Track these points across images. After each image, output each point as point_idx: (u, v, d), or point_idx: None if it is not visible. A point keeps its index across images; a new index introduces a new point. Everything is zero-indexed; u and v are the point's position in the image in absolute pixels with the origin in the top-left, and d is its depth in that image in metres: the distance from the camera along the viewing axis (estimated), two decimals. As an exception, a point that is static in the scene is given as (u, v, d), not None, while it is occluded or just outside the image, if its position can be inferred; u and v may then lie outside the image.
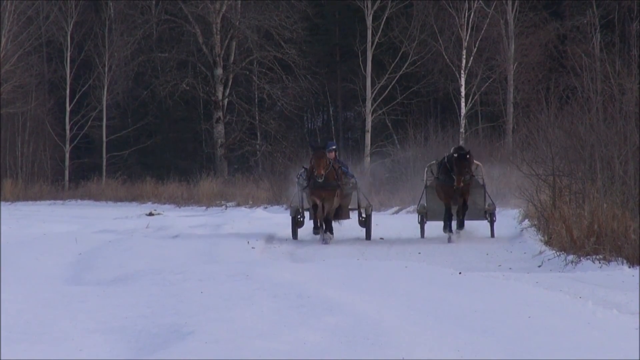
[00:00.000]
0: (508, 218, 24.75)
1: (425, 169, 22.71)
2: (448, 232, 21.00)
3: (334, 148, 22.10)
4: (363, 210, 22.02)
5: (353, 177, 22.44)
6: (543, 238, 19.10)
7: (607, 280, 13.03)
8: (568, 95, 24.25)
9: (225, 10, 49.12)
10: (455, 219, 21.31)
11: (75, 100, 51.54)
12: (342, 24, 50.13)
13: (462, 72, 45.65)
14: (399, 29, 46.14)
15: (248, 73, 49.98)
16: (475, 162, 22.03)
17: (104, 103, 50.97)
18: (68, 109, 51.45)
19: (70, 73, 51.63)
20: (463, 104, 45.74)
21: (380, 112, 46.99)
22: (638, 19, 42.97)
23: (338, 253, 18.86)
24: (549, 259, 16.68)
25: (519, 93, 44.91)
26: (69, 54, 51.58)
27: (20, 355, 8.12)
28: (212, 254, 17.91)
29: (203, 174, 45.29)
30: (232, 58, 49.73)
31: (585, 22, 44.02)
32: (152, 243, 19.64)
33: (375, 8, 46.66)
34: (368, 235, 21.67)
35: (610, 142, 18.91)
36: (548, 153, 20.53)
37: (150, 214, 31.78)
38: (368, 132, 46.86)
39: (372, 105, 46.87)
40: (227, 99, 49.69)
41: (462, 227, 21.20)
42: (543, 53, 45.04)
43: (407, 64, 46.24)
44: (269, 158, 45.32)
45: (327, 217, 21.24)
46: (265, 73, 49.56)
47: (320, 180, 20.89)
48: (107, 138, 51.05)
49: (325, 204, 21.15)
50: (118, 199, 46.85)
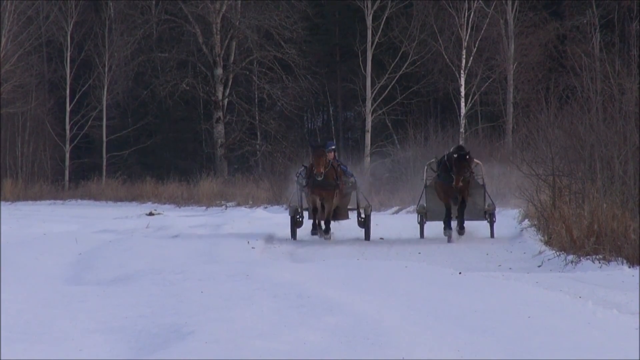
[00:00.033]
0: (508, 218, 24.75)
1: (425, 168, 22.69)
2: (448, 231, 20.99)
3: (333, 148, 22.03)
4: (362, 211, 21.99)
5: (352, 176, 22.39)
6: (543, 238, 19.11)
7: (607, 280, 13.03)
8: (568, 95, 24.23)
9: (225, 10, 49.12)
10: (455, 219, 21.31)
11: (75, 100, 51.53)
12: (342, 24, 50.11)
13: (462, 72, 45.65)
14: (399, 29, 46.14)
15: (248, 73, 49.97)
16: (475, 160, 22.01)
17: (104, 103, 50.96)
18: (68, 109, 51.43)
19: (70, 73, 51.61)
20: (463, 104, 45.74)
21: (380, 112, 46.98)
22: (638, 19, 42.97)
23: (338, 253, 18.86)
24: (549, 259, 16.68)
25: (519, 93, 44.91)
26: (69, 54, 51.57)
27: (20, 355, 8.12)
28: (212, 254, 17.91)
29: (203, 174, 45.29)
30: (232, 58, 49.72)
31: (585, 22, 44.03)
32: (152, 243, 19.64)
33: (375, 8, 46.66)
34: (367, 236, 21.63)
35: (610, 142, 18.91)
36: (548, 153, 20.53)
37: (150, 214, 31.76)
38: (368, 132, 46.85)
39: (372, 105, 46.86)
40: (227, 99, 49.68)
41: (462, 230, 21.17)
42: (543, 53, 45.04)
43: (407, 64, 46.23)
44: (269, 158, 45.30)
45: (327, 217, 21.24)
46: (265, 73, 49.55)
47: (320, 179, 20.87)
48: (107, 138, 51.04)
49: (325, 204, 21.12)
50: (118, 199, 46.85)
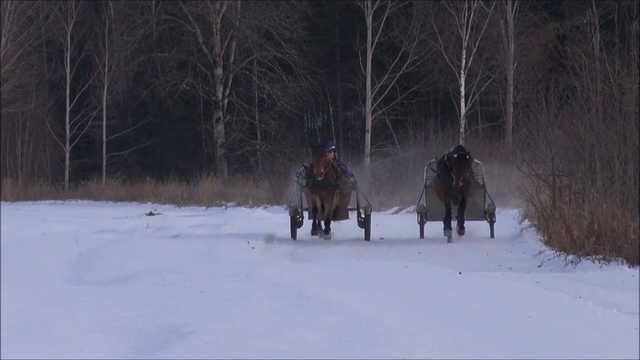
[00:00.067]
0: (508, 218, 24.74)
1: (425, 167, 22.68)
2: (448, 231, 20.98)
3: (333, 148, 22.00)
4: (362, 211, 21.98)
5: (352, 176, 22.37)
6: (543, 238, 19.10)
7: (607, 280, 13.03)
8: (568, 95, 24.24)
9: (225, 10, 49.11)
10: (455, 219, 21.30)
11: (75, 100, 51.52)
12: (342, 24, 50.10)
13: (462, 72, 45.65)
14: (399, 29, 46.13)
15: (248, 73, 49.96)
16: (475, 160, 22.01)
17: (104, 103, 50.95)
18: (68, 109, 51.43)
19: (70, 73, 51.61)
20: (463, 104, 45.74)
21: (380, 112, 46.97)
22: (638, 19, 42.96)
23: (338, 253, 18.85)
24: (549, 259, 16.68)
25: (519, 93, 44.90)
26: (69, 54, 51.56)
27: (20, 355, 8.11)
28: (212, 254, 17.90)
29: (203, 174, 45.28)
30: (232, 58, 49.71)
31: (585, 22, 44.02)
32: (152, 243, 19.64)
33: (375, 8, 46.65)
34: (367, 236, 21.61)
35: (610, 142, 18.91)
36: (548, 153, 20.53)
37: (150, 214, 31.75)
38: (368, 132, 46.85)
39: (372, 105, 46.86)
40: (227, 99, 49.68)
41: (462, 230, 21.17)
42: (543, 53, 45.04)
43: (407, 64, 46.23)
44: (269, 158, 45.30)
45: (326, 217, 21.22)
46: (265, 73, 49.54)
47: (320, 179, 20.86)
48: (107, 138, 51.03)
49: (325, 204, 21.11)
50: (118, 199, 46.84)
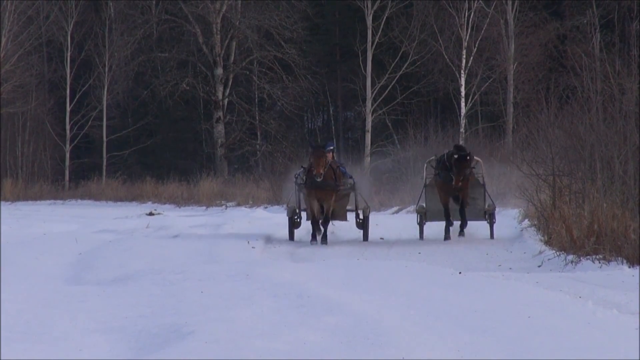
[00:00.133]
0: (508, 218, 24.73)
1: (425, 165, 22.64)
2: (448, 231, 21.03)
3: (332, 148, 21.95)
4: (361, 212, 21.94)
5: (351, 177, 22.34)
6: (543, 238, 19.09)
7: (607, 280, 13.02)
8: (568, 95, 24.24)
9: (225, 10, 49.11)
10: (456, 220, 21.31)
11: (76, 100, 51.51)
12: (342, 24, 50.10)
13: (462, 72, 45.64)
14: (399, 29, 46.13)
15: (248, 73, 49.96)
16: (476, 158, 21.98)
17: (104, 103, 50.95)
18: (68, 109, 51.43)
19: (71, 73, 51.60)
20: (463, 104, 45.74)
21: (380, 112, 46.97)
22: (638, 19, 42.97)
23: (338, 253, 18.84)
24: (549, 259, 16.67)
25: (519, 93, 44.90)
26: (69, 54, 51.56)
27: (20, 355, 8.11)
28: (212, 254, 17.90)
29: (203, 174, 45.28)
30: (232, 58, 49.71)
31: (585, 22, 44.02)
32: (152, 243, 19.65)
33: (375, 8, 46.65)
34: (365, 237, 21.54)
35: (610, 142, 18.91)
36: (548, 153, 20.53)
37: (150, 214, 31.75)
38: (368, 132, 46.84)
39: (372, 105, 46.85)
40: (227, 99, 49.67)
41: (462, 233, 21.18)
42: (543, 53, 45.03)
43: (407, 64, 46.22)
44: (269, 158, 45.29)
45: (325, 217, 21.17)
46: (265, 73, 49.54)
47: (319, 180, 20.83)
48: (107, 138, 51.03)
49: (324, 204, 21.08)
50: (118, 199, 46.84)
